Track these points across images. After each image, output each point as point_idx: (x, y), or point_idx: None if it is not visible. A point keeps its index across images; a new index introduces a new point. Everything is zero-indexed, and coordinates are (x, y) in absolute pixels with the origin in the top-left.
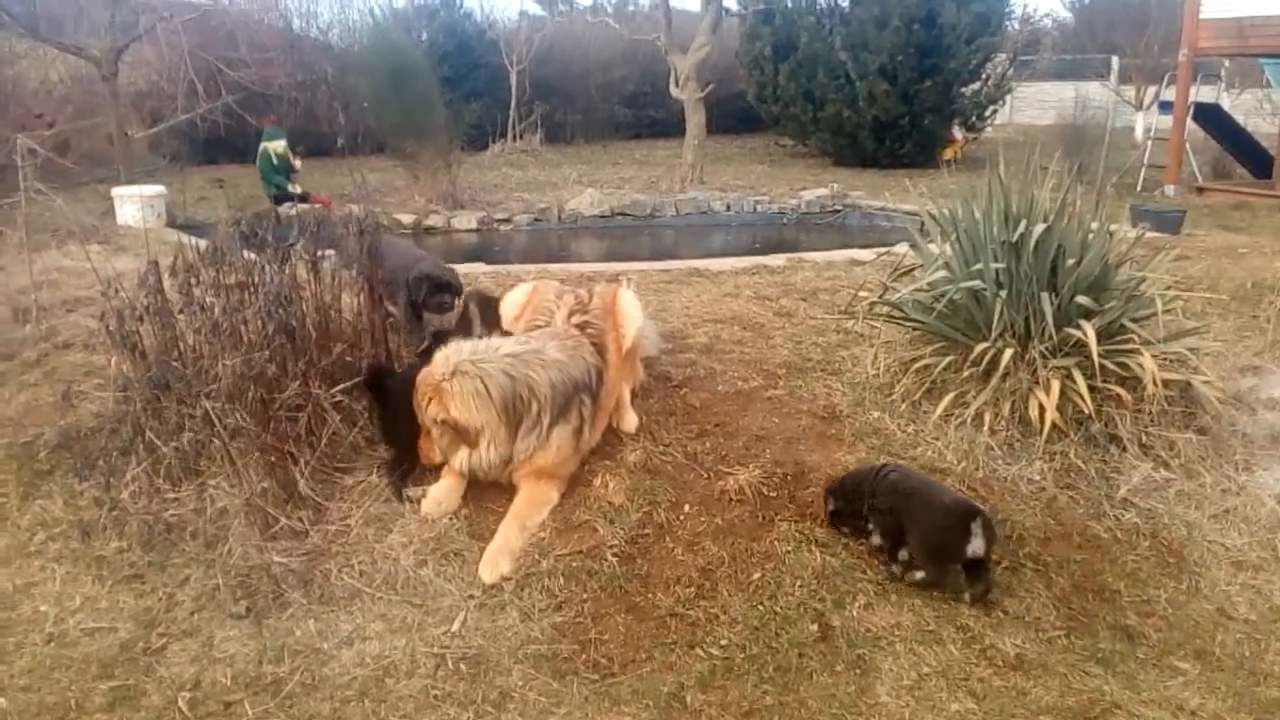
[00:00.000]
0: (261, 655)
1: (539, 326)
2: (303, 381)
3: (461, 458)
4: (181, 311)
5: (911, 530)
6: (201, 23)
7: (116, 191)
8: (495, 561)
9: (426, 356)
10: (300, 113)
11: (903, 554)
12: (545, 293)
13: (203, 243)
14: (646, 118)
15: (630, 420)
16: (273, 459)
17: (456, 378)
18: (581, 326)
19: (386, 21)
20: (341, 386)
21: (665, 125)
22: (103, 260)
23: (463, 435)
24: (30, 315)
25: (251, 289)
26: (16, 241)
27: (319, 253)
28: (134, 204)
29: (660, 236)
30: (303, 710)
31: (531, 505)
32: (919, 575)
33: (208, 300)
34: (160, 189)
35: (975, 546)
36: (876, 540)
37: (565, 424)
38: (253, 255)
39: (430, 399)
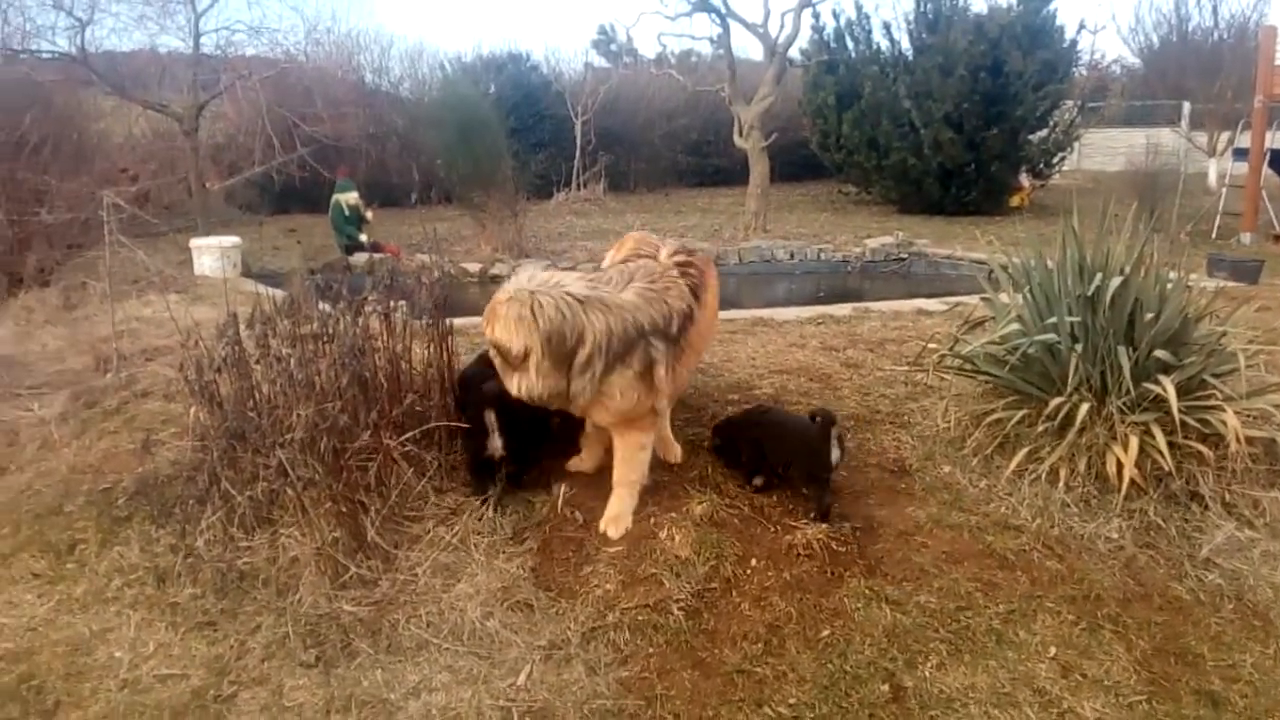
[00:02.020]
0: (330, 705)
1: (642, 257)
2: (374, 431)
3: (513, 382)
4: (258, 362)
5: (774, 452)
6: (279, 79)
7: (195, 242)
8: (616, 522)
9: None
10: (371, 164)
11: (758, 480)
12: (649, 237)
13: (279, 293)
14: (710, 166)
15: (674, 452)
16: (343, 508)
17: (509, 302)
18: (682, 266)
19: (456, 75)
20: (409, 434)
21: (728, 173)
22: (181, 310)
23: (504, 356)
24: (111, 364)
25: (326, 340)
26: (100, 292)
27: (391, 304)
28: (211, 254)
29: (724, 285)
30: None
31: (626, 464)
32: (758, 482)
33: (283, 351)
34: (236, 240)
35: (837, 455)
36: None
37: (625, 369)
38: (327, 307)
39: (487, 320)
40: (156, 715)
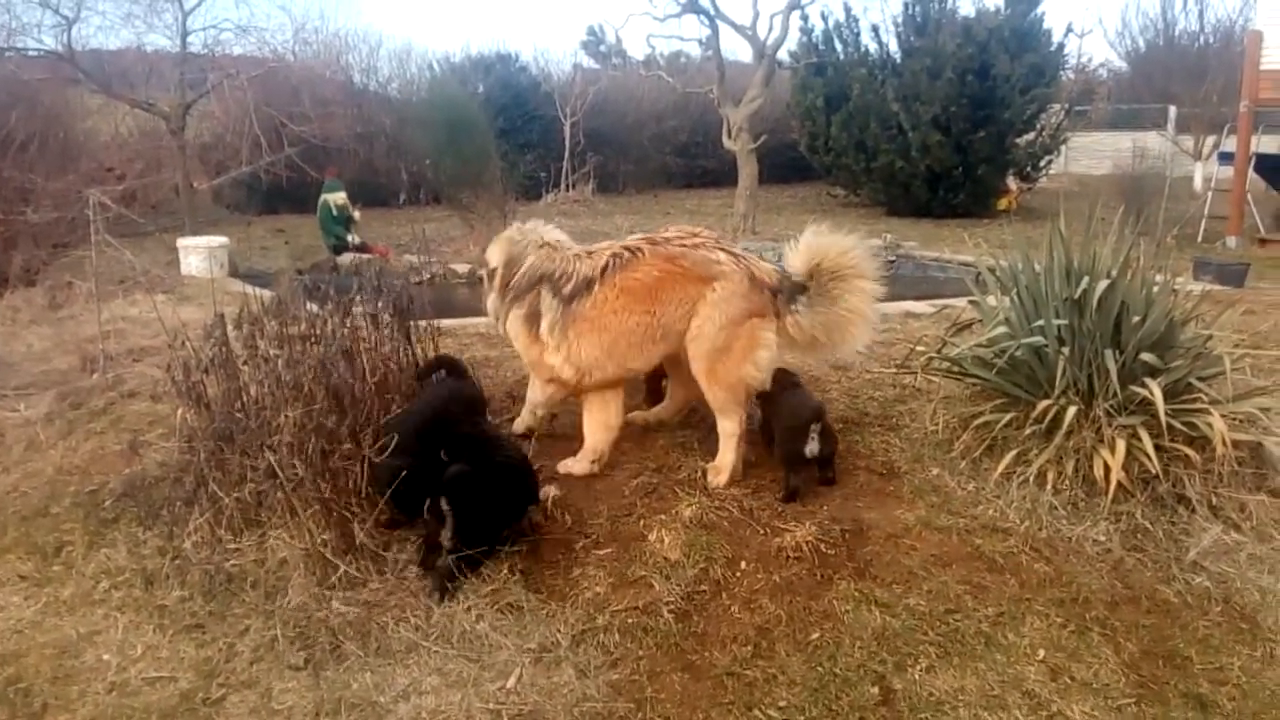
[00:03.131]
0: (319, 708)
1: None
2: (357, 434)
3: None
4: (246, 363)
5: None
6: (267, 78)
7: (182, 242)
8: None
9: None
10: (359, 164)
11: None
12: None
13: (267, 294)
14: (698, 168)
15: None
16: (331, 510)
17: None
18: (630, 249)
19: (444, 75)
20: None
21: (717, 175)
22: (168, 310)
23: (488, 274)
24: (98, 364)
25: (314, 341)
26: (86, 292)
27: (379, 305)
28: (198, 254)
29: None
30: None
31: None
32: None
33: (271, 352)
34: (224, 239)
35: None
36: None
37: (517, 309)
38: (315, 307)
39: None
40: (145, 718)
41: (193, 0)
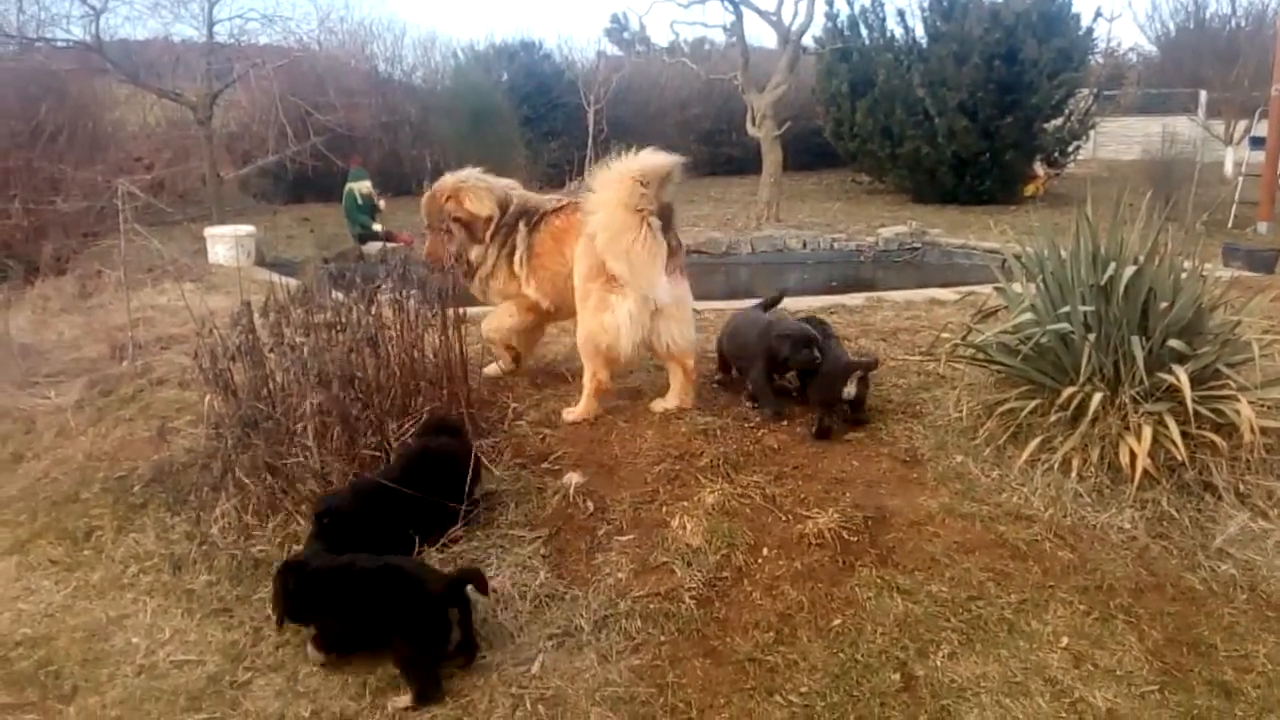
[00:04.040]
0: (343, 690)
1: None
2: (381, 421)
3: (477, 252)
4: (272, 351)
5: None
6: (292, 68)
7: (209, 231)
8: None
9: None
10: (384, 153)
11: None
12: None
13: (293, 282)
14: (722, 155)
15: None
16: None
17: (468, 187)
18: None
19: (468, 63)
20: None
21: (741, 162)
22: (196, 298)
23: (474, 225)
24: (127, 352)
25: (340, 329)
26: (115, 280)
27: (405, 293)
28: (225, 243)
29: (736, 274)
30: None
31: None
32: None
33: (297, 340)
34: (250, 228)
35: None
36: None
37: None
38: (341, 296)
39: (449, 200)
40: (172, 701)
41: None
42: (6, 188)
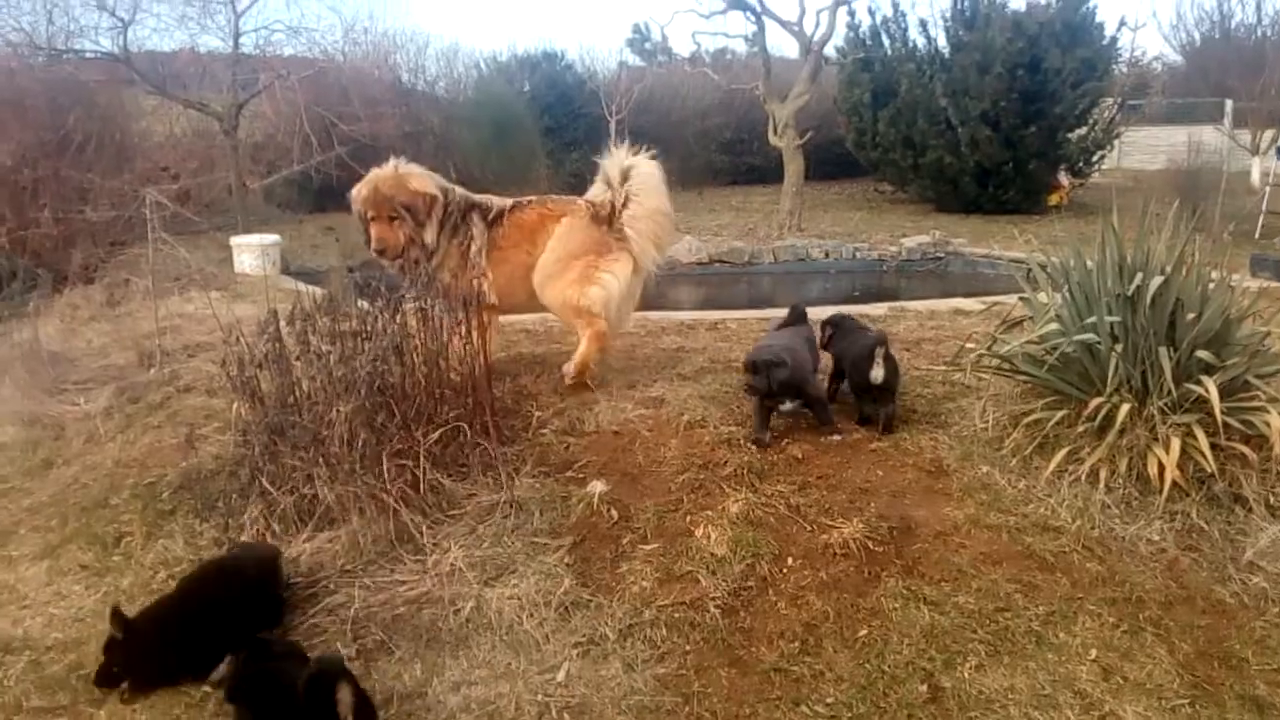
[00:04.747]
0: (370, 698)
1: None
2: (408, 429)
3: (427, 233)
4: (298, 359)
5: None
6: (317, 79)
7: (235, 240)
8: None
9: None
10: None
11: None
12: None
13: (318, 291)
14: (744, 164)
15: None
16: (382, 504)
17: (409, 174)
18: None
19: (491, 74)
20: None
21: (762, 172)
22: (222, 307)
23: (417, 210)
24: (155, 360)
25: (365, 337)
26: (143, 289)
27: (429, 302)
28: (251, 252)
29: (758, 284)
30: None
31: None
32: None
33: (323, 348)
34: (276, 238)
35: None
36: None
37: (456, 238)
38: (366, 304)
39: (394, 186)
40: (201, 706)
41: (245, 2)
42: (36, 197)
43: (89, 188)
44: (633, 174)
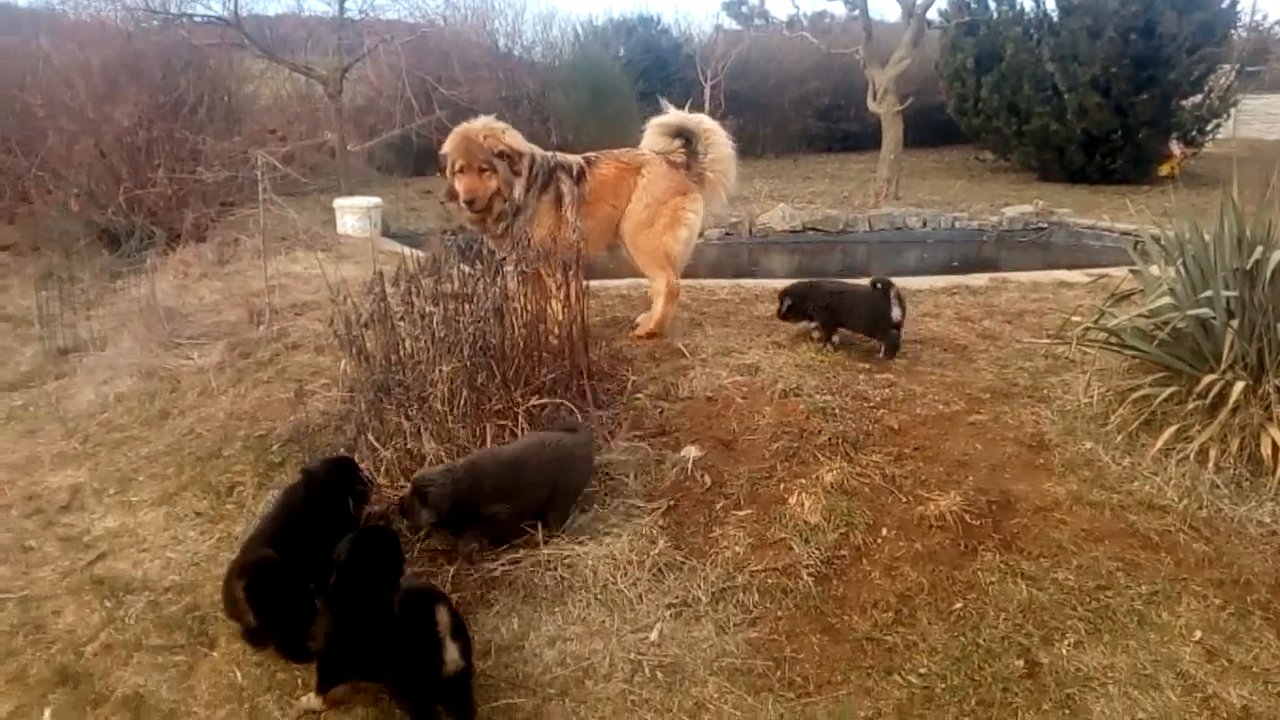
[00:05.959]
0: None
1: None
2: (506, 389)
3: (518, 187)
4: (403, 319)
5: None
6: (419, 43)
7: (338, 202)
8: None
9: None
10: None
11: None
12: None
13: (421, 253)
14: (839, 131)
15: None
16: None
17: (504, 131)
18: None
19: (587, 38)
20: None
21: (858, 139)
22: (329, 267)
23: (516, 159)
24: (264, 317)
25: (467, 299)
26: (252, 248)
27: (529, 265)
28: (354, 214)
29: (853, 253)
30: (506, 704)
31: None
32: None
33: (427, 309)
34: (377, 200)
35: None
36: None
37: (546, 195)
38: (467, 267)
39: (488, 138)
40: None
41: None
42: (151, 157)
43: (201, 149)
44: (703, 127)
